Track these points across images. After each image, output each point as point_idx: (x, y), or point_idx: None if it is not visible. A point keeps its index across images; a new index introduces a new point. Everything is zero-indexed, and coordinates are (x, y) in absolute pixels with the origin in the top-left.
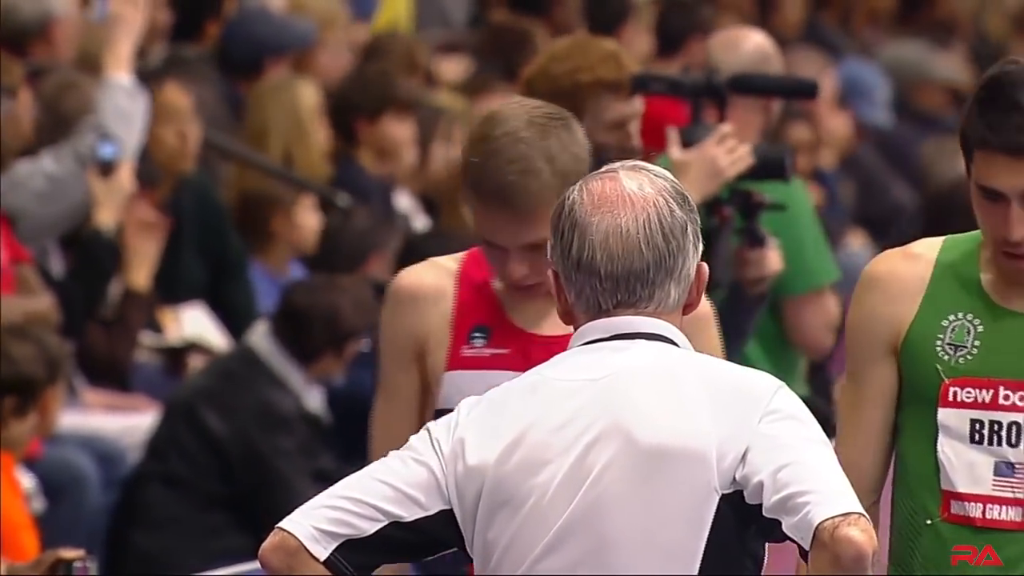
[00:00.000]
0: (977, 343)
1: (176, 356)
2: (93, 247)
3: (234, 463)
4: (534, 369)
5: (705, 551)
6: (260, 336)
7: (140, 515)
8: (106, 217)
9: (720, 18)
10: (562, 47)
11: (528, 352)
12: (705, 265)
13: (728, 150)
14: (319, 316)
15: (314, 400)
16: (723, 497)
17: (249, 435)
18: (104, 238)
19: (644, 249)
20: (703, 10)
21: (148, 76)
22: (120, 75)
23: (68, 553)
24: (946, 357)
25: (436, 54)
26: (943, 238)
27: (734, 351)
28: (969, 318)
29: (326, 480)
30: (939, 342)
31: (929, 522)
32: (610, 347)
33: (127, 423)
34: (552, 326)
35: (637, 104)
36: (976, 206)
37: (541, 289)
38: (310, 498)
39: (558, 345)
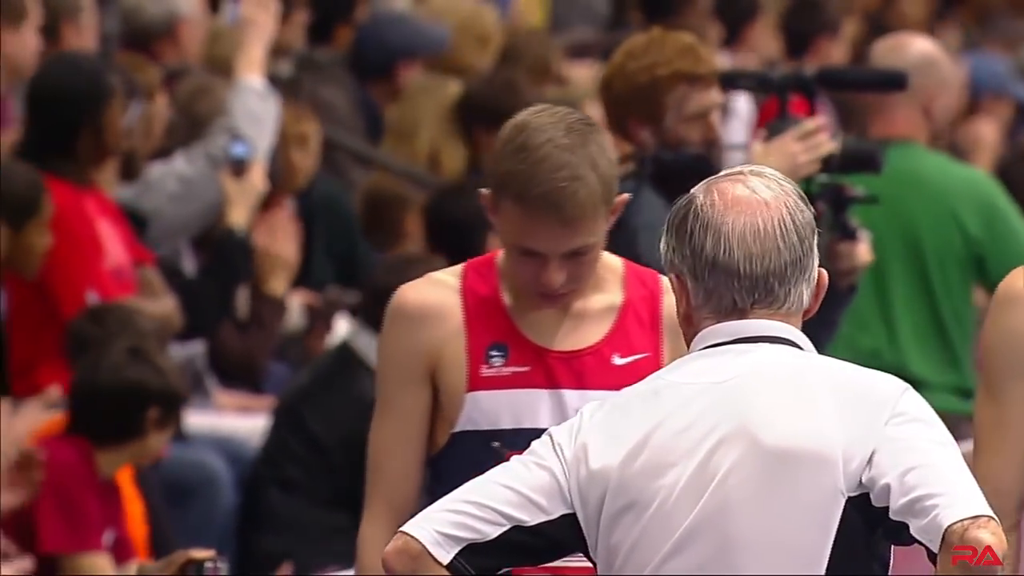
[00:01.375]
0: None
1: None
2: (225, 247)
3: (339, 462)
4: (656, 374)
5: (831, 554)
6: (350, 330)
7: (263, 518)
8: (238, 216)
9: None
10: (639, 44)
11: (549, 368)
12: (825, 272)
13: (807, 147)
14: None
15: None
16: (849, 500)
17: (349, 430)
18: (236, 237)
19: (782, 248)
20: (830, 9)
21: (281, 80)
22: (252, 78)
23: (199, 553)
24: None
25: (570, 57)
26: None
27: (824, 344)
28: None
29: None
30: None
31: None
32: (734, 351)
33: (259, 425)
34: (567, 341)
35: (717, 95)
36: None
37: (567, 299)
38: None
39: (577, 360)
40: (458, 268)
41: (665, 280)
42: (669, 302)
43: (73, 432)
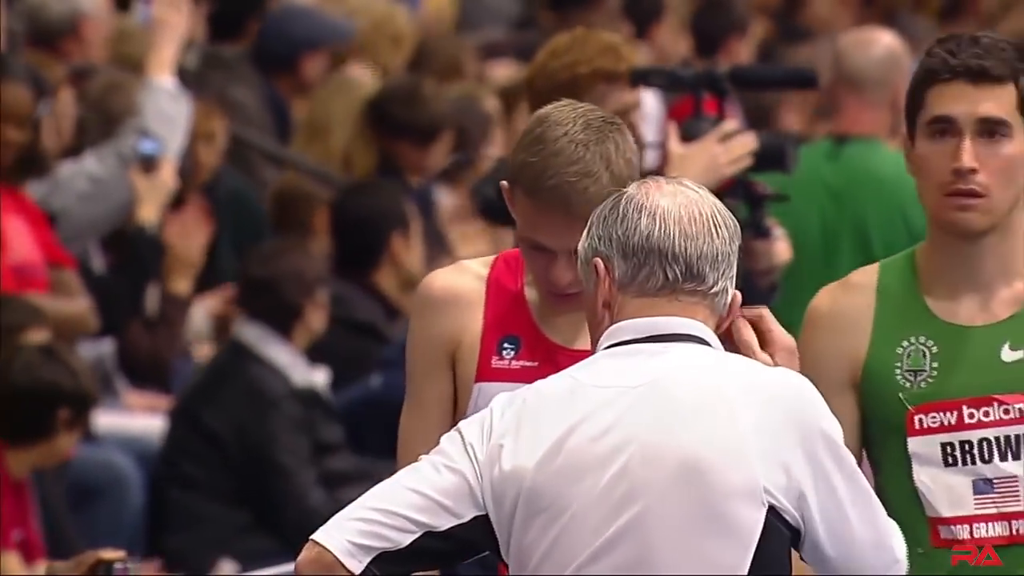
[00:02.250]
0: (935, 365)
1: None
2: (136, 244)
3: (236, 455)
4: (566, 372)
5: (754, 562)
6: (241, 325)
7: (167, 518)
8: (148, 213)
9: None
10: (562, 42)
11: (559, 366)
12: (739, 294)
13: (728, 148)
14: (282, 278)
15: (305, 374)
16: (771, 509)
17: (241, 424)
18: (147, 235)
19: (715, 236)
20: (739, 9)
21: (187, 74)
22: (163, 78)
23: (108, 554)
24: (907, 384)
25: (481, 57)
26: (878, 263)
27: None
28: (922, 341)
29: (331, 453)
30: (897, 371)
31: (921, 551)
32: (646, 351)
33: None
34: (584, 340)
35: (637, 95)
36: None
37: (580, 299)
38: (305, 477)
39: (578, 356)
40: (489, 258)
41: None
42: None
43: None
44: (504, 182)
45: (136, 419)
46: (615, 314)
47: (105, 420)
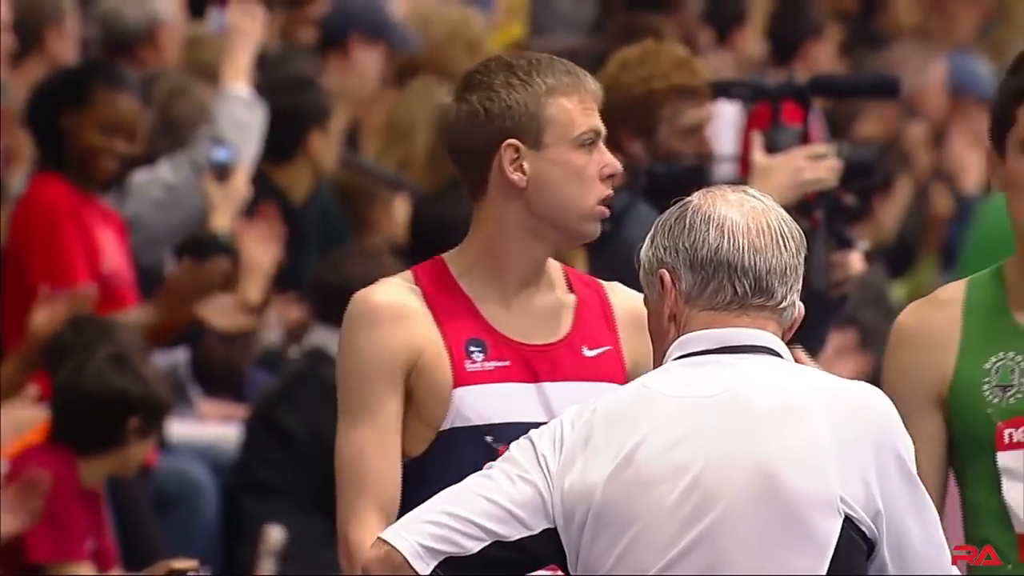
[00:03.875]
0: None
1: None
2: (209, 252)
3: (311, 458)
4: (638, 381)
5: (829, 571)
6: (316, 330)
7: (241, 526)
8: (222, 221)
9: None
10: (633, 55)
11: (529, 362)
12: (803, 307)
13: (814, 166)
14: (354, 283)
15: None
16: (847, 519)
17: (319, 427)
18: (220, 243)
19: (783, 248)
20: (814, 12)
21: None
22: (238, 86)
23: (180, 563)
24: (996, 400)
25: None
26: (966, 279)
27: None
28: (1011, 356)
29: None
30: (986, 386)
31: (1009, 566)
32: (718, 362)
33: (241, 433)
34: (538, 334)
35: (711, 109)
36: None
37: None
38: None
39: (552, 352)
40: (407, 273)
41: (604, 282)
42: (618, 300)
43: (56, 441)
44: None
45: (210, 428)
46: (681, 327)
47: (179, 429)
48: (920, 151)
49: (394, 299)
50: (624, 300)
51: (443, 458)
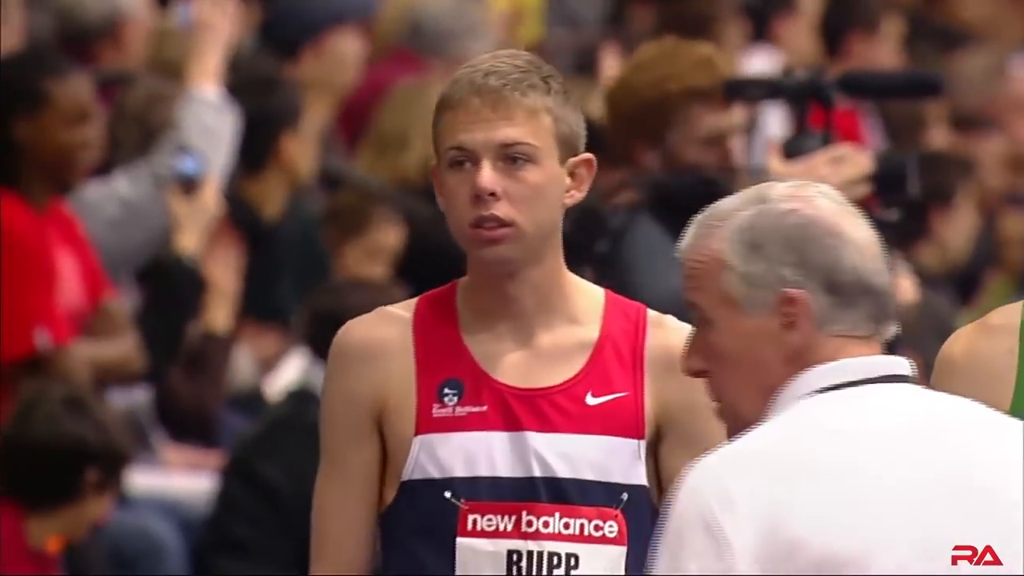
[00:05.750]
0: None
1: None
2: (173, 276)
3: (293, 512)
4: (804, 418)
5: None
6: (305, 368)
7: None
8: (188, 241)
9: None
10: (647, 54)
11: (509, 408)
12: None
13: (839, 171)
14: (353, 314)
15: None
16: None
17: (304, 477)
18: (186, 266)
19: (886, 266)
20: (867, 3)
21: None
22: (206, 88)
23: None
24: None
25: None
26: (1021, 302)
27: None
28: None
29: None
30: None
31: None
32: (879, 392)
33: (212, 484)
34: (533, 378)
35: (737, 115)
36: None
37: (509, 242)
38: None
39: (544, 399)
40: (412, 301)
41: (652, 313)
42: (656, 337)
43: (1, 494)
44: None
45: (176, 478)
46: (809, 354)
47: (140, 480)
48: (993, 165)
49: (368, 336)
50: (666, 337)
51: (402, 514)
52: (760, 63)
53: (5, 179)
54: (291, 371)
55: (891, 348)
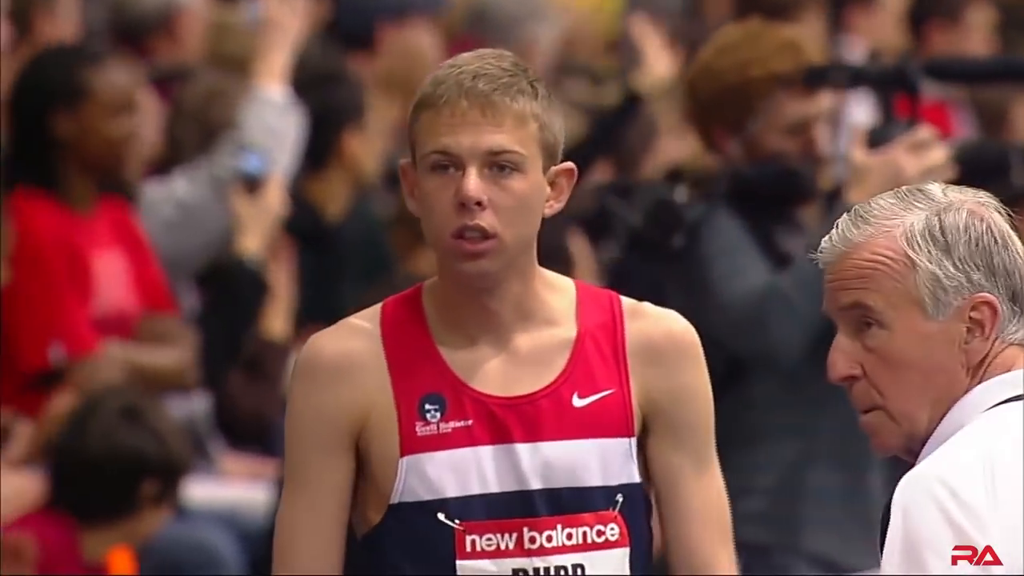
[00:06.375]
0: None
1: None
2: (235, 279)
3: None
4: (980, 441)
5: None
6: None
7: None
8: (252, 243)
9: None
10: (729, 37)
11: (496, 420)
12: None
13: (920, 159)
14: None
15: None
16: None
17: None
18: (248, 269)
19: None
20: None
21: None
22: (271, 88)
23: None
24: None
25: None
26: None
27: None
28: None
29: None
30: None
31: None
32: None
33: (272, 494)
34: (515, 384)
35: (822, 103)
36: None
37: (491, 255)
38: None
39: (529, 406)
40: (374, 309)
41: (627, 302)
42: (634, 327)
43: (55, 508)
44: (401, 161)
45: (234, 488)
46: (988, 362)
47: (197, 490)
48: None
49: (340, 349)
50: (644, 326)
51: (392, 536)
52: (841, 53)
53: (43, 180)
54: None
55: None
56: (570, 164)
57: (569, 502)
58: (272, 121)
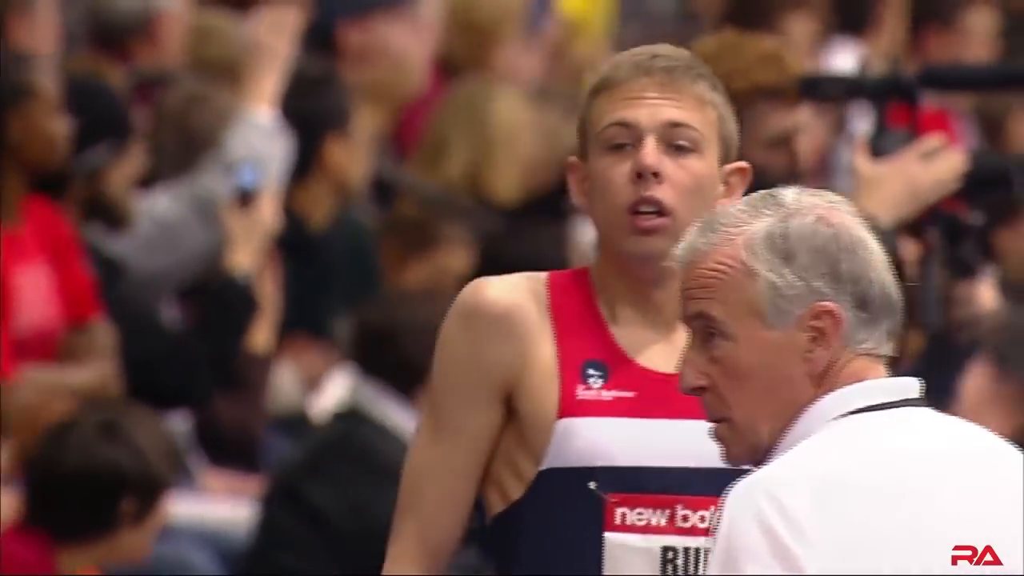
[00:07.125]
0: None
1: None
2: (224, 296)
3: (343, 540)
4: (853, 438)
5: None
6: (355, 386)
7: None
8: (242, 259)
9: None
10: (709, 48)
11: (660, 394)
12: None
13: (931, 168)
14: (405, 329)
15: None
16: None
17: (354, 502)
18: (239, 285)
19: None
20: None
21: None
22: (259, 110)
23: None
24: None
25: None
26: None
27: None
28: None
29: None
30: None
31: None
32: (922, 416)
33: (255, 512)
34: (667, 361)
35: (803, 116)
36: None
37: (667, 234)
38: None
39: (676, 383)
40: (540, 275)
41: None
42: None
43: (31, 525)
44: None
45: (216, 505)
46: (834, 373)
47: (177, 507)
48: None
49: (509, 300)
50: None
51: (539, 505)
52: (843, 59)
53: None
54: (337, 390)
55: (967, 358)
56: (744, 163)
57: (723, 484)
58: (257, 144)
